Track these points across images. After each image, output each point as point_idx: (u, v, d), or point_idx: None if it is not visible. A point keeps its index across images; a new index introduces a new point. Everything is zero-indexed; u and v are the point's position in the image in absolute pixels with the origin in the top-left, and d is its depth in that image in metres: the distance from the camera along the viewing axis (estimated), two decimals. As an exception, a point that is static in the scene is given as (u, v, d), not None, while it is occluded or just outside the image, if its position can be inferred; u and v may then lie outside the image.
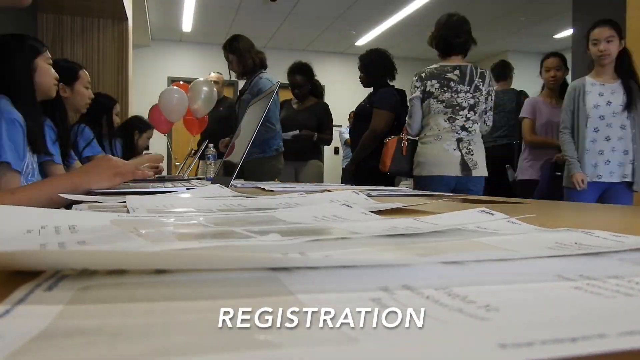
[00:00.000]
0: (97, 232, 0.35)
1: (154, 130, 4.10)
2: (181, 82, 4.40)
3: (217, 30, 6.87)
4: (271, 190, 1.06)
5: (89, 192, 0.87)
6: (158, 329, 0.14)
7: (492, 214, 0.44)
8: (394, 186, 1.93)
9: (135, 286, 0.19)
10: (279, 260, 0.22)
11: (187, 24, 6.63)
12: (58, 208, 0.75)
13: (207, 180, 1.82)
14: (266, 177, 2.74)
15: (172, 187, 1.06)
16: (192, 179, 2.12)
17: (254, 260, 0.22)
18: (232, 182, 1.12)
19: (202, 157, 2.63)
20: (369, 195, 0.95)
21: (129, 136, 3.27)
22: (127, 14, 4.10)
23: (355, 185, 2.11)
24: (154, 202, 0.63)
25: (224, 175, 1.28)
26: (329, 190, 1.03)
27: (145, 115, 4.00)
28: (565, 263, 0.25)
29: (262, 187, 1.25)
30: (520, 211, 0.61)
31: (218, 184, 1.11)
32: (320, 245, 0.30)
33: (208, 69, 7.22)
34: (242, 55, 2.89)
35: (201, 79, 4.14)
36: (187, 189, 0.95)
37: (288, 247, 0.29)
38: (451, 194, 1.14)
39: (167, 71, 7.26)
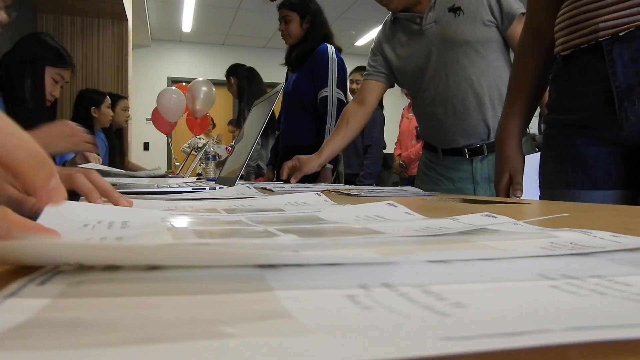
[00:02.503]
0: (141, 229, 0.36)
1: (157, 130, 4.06)
2: (184, 84, 4.39)
3: (217, 30, 6.88)
4: (271, 190, 1.05)
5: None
6: (131, 321, 0.14)
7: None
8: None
9: (125, 282, 0.20)
10: (262, 257, 0.22)
11: (187, 24, 6.63)
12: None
13: (208, 180, 1.82)
14: None
15: (195, 186, 1.05)
16: (192, 178, 2.11)
17: (237, 257, 0.22)
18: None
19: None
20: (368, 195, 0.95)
21: (83, 114, 2.93)
22: (127, 14, 4.10)
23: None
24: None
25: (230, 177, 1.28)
26: (329, 191, 1.03)
27: (149, 116, 4.00)
28: (551, 262, 0.25)
29: (263, 187, 1.25)
30: (521, 211, 0.61)
31: (218, 185, 1.11)
32: (334, 244, 0.30)
33: (208, 69, 7.23)
34: None
35: (200, 79, 4.13)
36: (209, 189, 0.94)
37: (276, 246, 0.29)
38: (450, 195, 1.14)
39: (167, 71, 7.26)
